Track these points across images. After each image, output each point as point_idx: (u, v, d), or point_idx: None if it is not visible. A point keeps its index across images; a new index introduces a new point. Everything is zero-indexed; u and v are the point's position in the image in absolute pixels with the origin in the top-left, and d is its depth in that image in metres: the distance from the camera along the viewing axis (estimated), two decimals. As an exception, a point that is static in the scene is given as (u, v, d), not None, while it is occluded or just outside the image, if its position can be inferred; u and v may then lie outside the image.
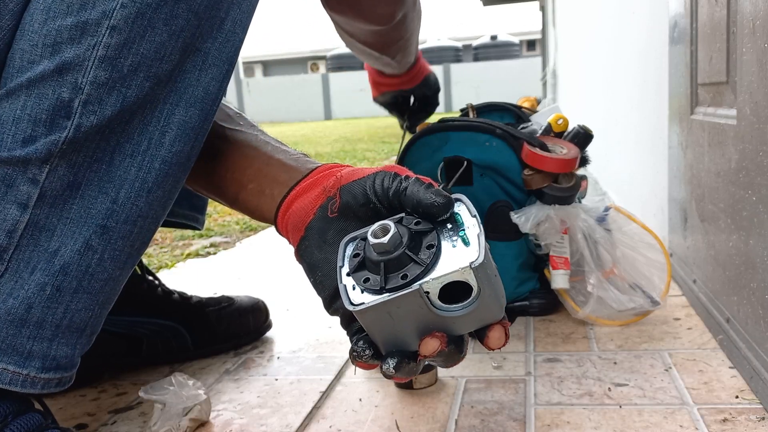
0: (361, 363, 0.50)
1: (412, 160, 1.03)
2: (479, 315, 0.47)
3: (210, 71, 0.55)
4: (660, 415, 0.67)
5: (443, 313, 0.45)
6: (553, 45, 5.74)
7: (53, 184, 0.52)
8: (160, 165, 0.55)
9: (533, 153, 0.94)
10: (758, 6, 0.69)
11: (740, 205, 0.77)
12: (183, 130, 0.55)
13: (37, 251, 0.53)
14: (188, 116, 0.55)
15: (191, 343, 0.91)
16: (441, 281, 0.44)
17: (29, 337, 0.54)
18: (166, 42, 0.51)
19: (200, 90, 0.55)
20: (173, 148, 0.55)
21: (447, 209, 0.47)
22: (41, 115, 0.51)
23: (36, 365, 0.55)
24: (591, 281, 0.94)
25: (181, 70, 0.53)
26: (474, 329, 0.48)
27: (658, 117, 1.30)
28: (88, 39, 0.50)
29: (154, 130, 0.54)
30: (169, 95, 0.54)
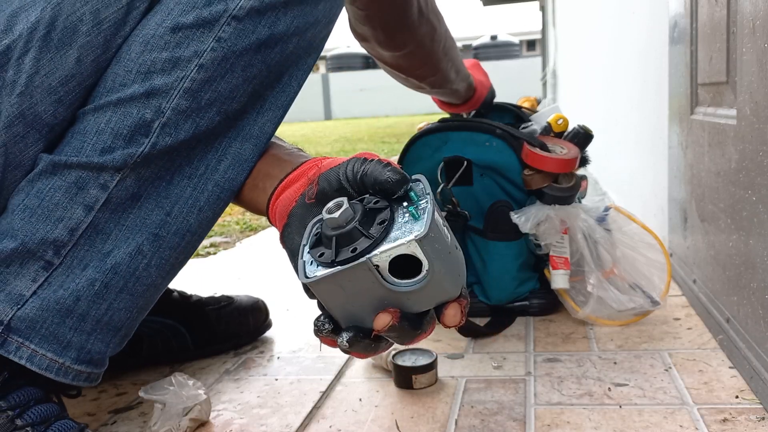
0: (322, 337, 0.51)
1: (412, 159, 1.03)
2: (432, 292, 0.47)
3: (267, 114, 0.62)
4: (660, 415, 0.67)
5: (394, 288, 0.46)
6: (553, 45, 5.74)
7: (119, 193, 0.58)
8: (213, 188, 0.61)
9: (533, 153, 0.94)
10: (758, 6, 0.69)
11: (740, 205, 0.77)
12: (236, 161, 0.62)
13: (91, 251, 0.58)
14: (243, 149, 0.62)
15: (191, 342, 0.91)
16: (389, 254, 0.45)
17: (71, 327, 0.58)
18: (240, 85, 0.59)
19: (256, 129, 0.62)
20: (226, 175, 0.61)
21: (401, 185, 0.49)
22: (123, 130, 0.57)
23: (72, 356, 0.58)
24: (591, 281, 0.94)
25: (244, 110, 0.61)
26: (430, 307, 0.48)
27: (658, 117, 1.30)
28: (178, 72, 0.57)
29: (212, 157, 0.60)
30: (230, 130, 0.61)
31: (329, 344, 0.52)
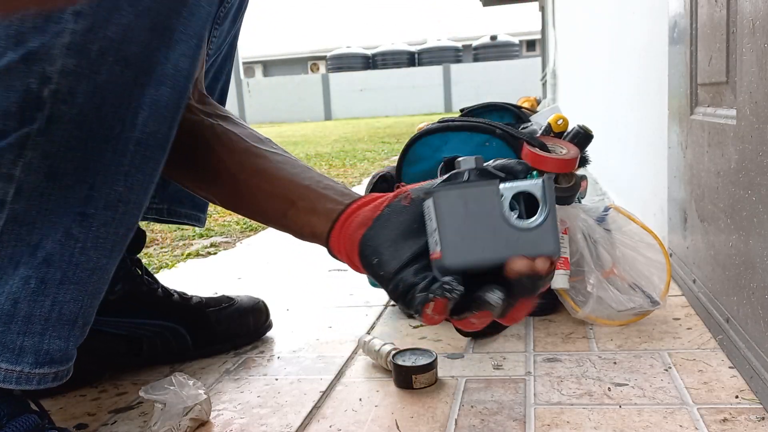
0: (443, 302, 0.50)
1: (412, 159, 1.03)
2: (539, 239, 0.50)
3: (179, 47, 0.54)
4: (660, 414, 0.67)
5: (512, 222, 0.50)
6: (552, 45, 5.75)
7: (29, 177, 0.51)
8: (135, 147, 0.54)
9: (533, 153, 0.94)
10: (758, 6, 0.69)
11: (740, 205, 0.77)
12: (155, 110, 0.54)
13: (19, 246, 0.53)
14: (159, 95, 0.53)
15: (191, 343, 0.91)
16: (515, 188, 0.50)
17: (19, 332, 0.54)
18: (132, 23, 0.50)
19: (170, 67, 0.54)
20: (147, 129, 0.54)
21: (527, 170, 0.53)
22: (11, 108, 0.50)
23: (29, 360, 0.55)
24: (591, 281, 0.94)
25: (149, 49, 0.52)
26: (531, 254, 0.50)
27: (658, 117, 1.30)
28: (52, 26, 0.48)
29: (126, 112, 0.52)
30: (138, 76, 0.52)
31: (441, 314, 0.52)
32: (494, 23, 21.73)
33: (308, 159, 4.55)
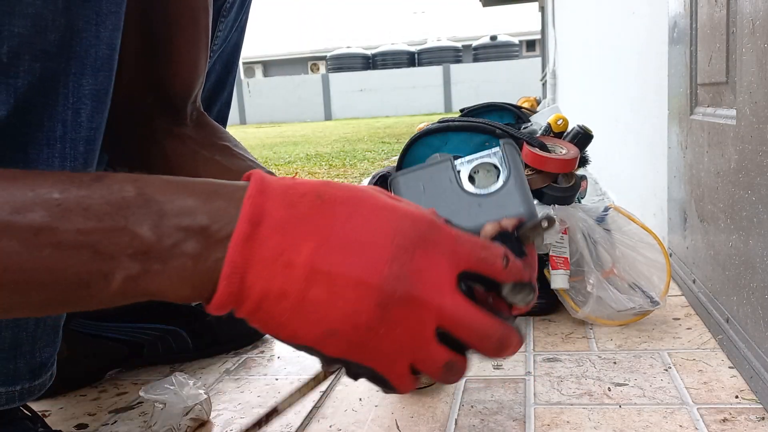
0: None
1: (412, 159, 1.03)
2: (504, 201, 0.49)
3: (108, 22, 0.47)
4: (660, 414, 0.67)
5: (473, 192, 0.49)
6: (552, 45, 5.74)
7: None
8: (86, 147, 0.48)
9: (533, 153, 0.94)
10: (758, 6, 0.69)
11: (740, 205, 0.77)
12: (99, 101, 0.48)
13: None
14: (99, 82, 0.47)
15: (192, 346, 0.91)
16: (471, 161, 0.49)
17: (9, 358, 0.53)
18: (41, 9, 0.43)
19: (103, 48, 0.47)
20: (93, 124, 0.48)
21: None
22: None
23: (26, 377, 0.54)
24: (590, 281, 0.94)
25: (72, 32, 0.45)
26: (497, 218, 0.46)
27: (658, 117, 1.30)
28: None
29: (65, 110, 0.46)
30: (69, 65, 0.45)
31: None
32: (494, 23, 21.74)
33: (308, 159, 4.55)
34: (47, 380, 0.57)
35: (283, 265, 0.36)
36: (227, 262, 0.36)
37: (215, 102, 0.89)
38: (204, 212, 0.37)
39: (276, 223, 0.37)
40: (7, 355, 0.53)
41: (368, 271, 0.37)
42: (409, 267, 0.38)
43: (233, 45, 0.88)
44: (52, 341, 0.56)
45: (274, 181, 0.38)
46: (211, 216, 0.36)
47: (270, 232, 0.36)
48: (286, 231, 0.37)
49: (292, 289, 0.37)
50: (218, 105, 0.89)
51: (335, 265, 0.37)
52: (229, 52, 0.88)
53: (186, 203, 0.37)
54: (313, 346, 0.38)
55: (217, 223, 0.36)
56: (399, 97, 15.63)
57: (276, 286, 0.37)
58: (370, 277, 0.37)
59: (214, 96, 0.88)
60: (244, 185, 0.38)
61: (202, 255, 0.36)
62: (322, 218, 0.37)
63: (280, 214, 0.37)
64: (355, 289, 0.37)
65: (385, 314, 0.37)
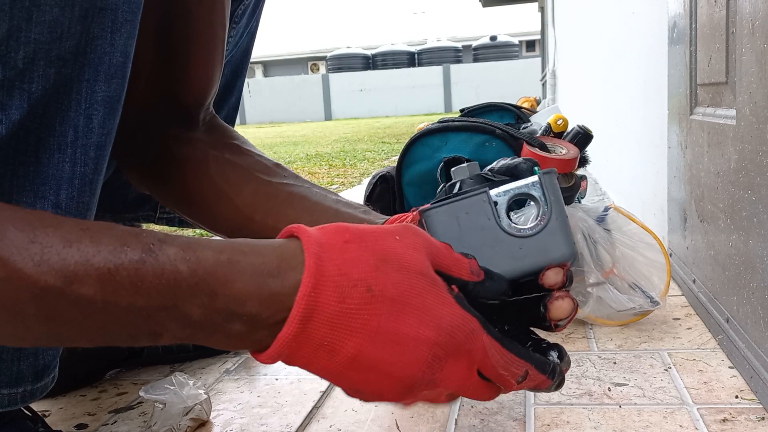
0: None
1: (412, 160, 1.03)
2: (547, 243, 0.45)
3: (123, 30, 0.47)
4: (660, 414, 0.67)
5: (512, 230, 0.45)
6: (552, 45, 5.75)
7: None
8: (97, 152, 0.48)
9: (533, 153, 0.94)
10: (758, 6, 0.69)
11: (740, 205, 0.77)
12: (111, 107, 0.48)
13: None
14: (112, 90, 0.48)
15: (192, 346, 0.91)
16: (509, 192, 0.45)
17: (12, 360, 0.52)
18: (59, 17, 0.43)
19: (117, 56, 0.47)
20: (104, 129, 0.48)
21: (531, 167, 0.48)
22: None
23: (29, 380, 0.54)
24: (590, 281, 0.94)
25: (88, 39, 0.45)
26: (541, 264, 0.46)
27: (658, 117, 1.30)
28: None
29: (77, 115, 0.47)
30: (83, 72, 0.46)
31: None
32: (494, 23, 21.74)
33: (308, 159, 4.55)
34: (50, 382, 0.56)
35: (327, 352, 0.40)
36: (273, 349, 0.39)
37: (223, 106, 0.88)
38: (255, 300, 0.38)
39: (326, 319, 0.39)
40: (11, 357, 0.53)
41: (403, 374, 0.41)
42: (439, 374, 0.42)
43: (243, 50, 0.88)
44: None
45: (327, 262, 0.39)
46: (262, 304, 0.38)
47: (319, 326, 0.39)
48: (335, 326, 0.39)
49: (331, 370, 0.41)
50: (226, 109, 0.89)
51: (375, 361, 0.40)
52: (239, 57, 0.88)
53: (236, 288, 0.38)
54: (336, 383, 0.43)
55: (267, 312, 0.38)
56: (399, 97, 15.64)
57: (318, 365, 0.41)
58: (404, 377, 0.41)
59: (223, 100, 0.88)
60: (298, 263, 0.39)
61: (248, 333, 0.39)
62: (370, 316, 0.40)
63: (331, 310, 0.39)
64: (388, 380, 0.41)
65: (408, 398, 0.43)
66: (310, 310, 0.38)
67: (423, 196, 1.03)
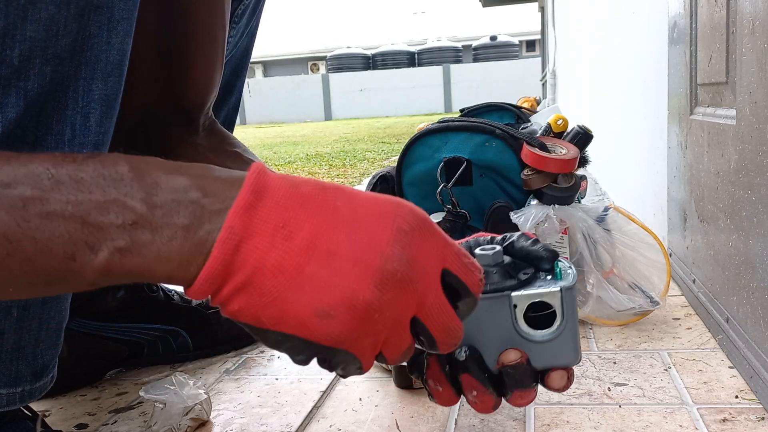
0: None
1: (412, 160, 1.03)
2: (555, 350, 0.48)
3: (121, 28, 0.47)
4: (659, 414, 0.67)
5: (524, 333, 0.47)
6: (552, 45, 5.75)
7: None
8: (94, 151, 0.48)
9: (533, 153, 0.94)
10: (758, 6, 0.69)
11: (739, 205, 0.77)
12: (108, 106, 0.48)
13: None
14: (109, 88, 0.47)
15: (192, 346, 0.91)
16: (530, 298, 0.47)
17: (12, 360, 0.53)
18: (55, 14, 0.43)
19: (114, 53, 0.47)
20: (101, 128, 0.48)
21: (552, 259, 0.48)
22: None
23: (27, 380, 0.54)
24: (590, 281, 0.94)
25: (84, 37, 0.45)
26: (547, 366, 0.49)
27: (658, 117, 1.30)
28: None
29: (74, 114, 0.46)
30: (79, 70, 0.46)
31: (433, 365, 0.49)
32: (494, 23, 21.73)
33: (308, 159, 4.55)
34: (48, 382, 0.57)
35: (283, 238, 0.36)
36: (224, 228, 0.35)
37: (223, 106, 0.88)
38: (200, 188, 0.36)
39: (279, 199, 0.36)
40: (9, 357, 0.53)
41: (370, 251, 0.37)
42: (407, 251, 0.38)
43: (243, 50, 0.88)
44: (55, 344, 0.56)
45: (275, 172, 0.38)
46: (208, 191, 0.36)
47: (273, 205, 0.36)
48: (289, 207, 0.36)
49: (290, 263, 0.36)
50: (226, 110, 0.89)
51: (336, 242, 0.36)
52: (239, 57, 0.88)
53: (181, 180, 0.36)
54: (296, 333, 0.37)
55: (213, 197, 0.36)
56: (399, 97, 15.64)
57: (272, 258, 0.36)
58: (371, 256, 0.37)
59: (223, 100, 0.88)
60: (243, 172, 0.37)
61: (194, 225, 0.35)
62: (325, 199, 0.37)
63: (283, 191, 0.37)
64: (354, 267, 0.36)
65: (383, 296, 0.37)
66: (261, 187, 0.36)
67: (423, 196, 1.03)
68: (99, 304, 0.86)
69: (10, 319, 0.51)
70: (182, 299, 0.93)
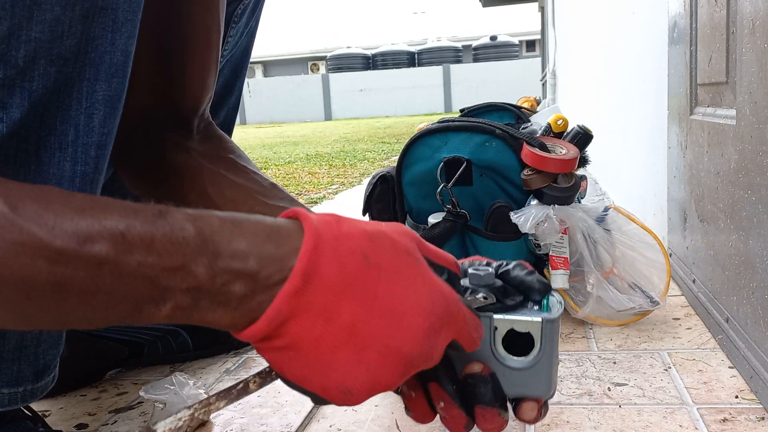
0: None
1: (412, 160, 1.03)
2: (529, 380, 0.48)
3: (124, 29, 0.47)
4: (659, 414, 0.67)
5: (501, 358, 0.48)
6: (552, 45, 5.75)
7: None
8: (98, 152, 0.48)
9: (533, 153, 0.94)
10: (758, 6, 0.69)
11: (739, 205, 0.77)
12: (112, 107, 0.48)
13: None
14: (113, 89, 0.48)
15: (192, 346, 0.91)
16: (511, 323, 0.47)
17: (13, 360, 0.53)
18: (60, 15, 0.43)
19: (118, 55, 0.47)
20: (105, 129, 0.48)
21: (544, 291, 0.49)
22: None
23: (29, 379, 0.54)
24: (590, 281, 0.94)
25: (89, 38, 0.45)
26: (519, 395, 0.49)
27: (658, 117, 1.30)
28: None
29: (78, 114, 0.47)
30: (83, 71, 0.46)
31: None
32: (494, 23, 21.73)
33: (308, 159, 4.55)
34: (50, 382, 0.56)
35: (324, 321, 0.39)
36: (273, 307, 0.38)
37: (223, 106, 0.88)
38: (256, 257, 0.38)
39: (326, 283, 0.39)
40: (11, 357, 0.53)
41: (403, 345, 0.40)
42: (434, 347, 0.42)
43: (243, 50, 0.88)
44: (56, 344, 0.56)
45: (325, 233, 0.40)
46: (263, 262, 0.38)
47: (320, 289, 0.39)
48: (334, 291, 0.39)
49: (326, 344, 0.39)
50: (225, 110, 0.89)
51: (371, 334, 0.40)
52: (239, 57, 0.88)
53: (240, 246, 0.38)
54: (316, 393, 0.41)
55: (268, 270, 0.38)
56: (399, 97, 15.64)
57: (311, 337, 0.39)
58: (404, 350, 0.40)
59: (222, 100, 0.87)
60: (297, 232, 0.40)
61: (248, 296, 0.38)
62: (367, 283, 0.40)
63: (332, 273, 0.39)
64: (383, 359, 0.40)
65: (401, 381, 0.41)
66: (312, 269, 0.38)
67: (423, 196, 1.03)
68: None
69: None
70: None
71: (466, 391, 0.48)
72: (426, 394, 0.49)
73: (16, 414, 0.59)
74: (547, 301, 0.49)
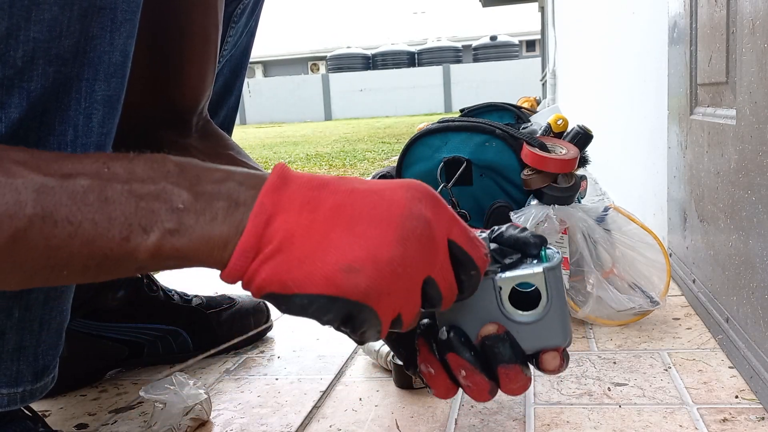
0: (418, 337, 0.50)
1: (412, 159, 1.03)
2: (543, 331, 0.48)
3: (124, 29, 0.47)
4: (659, 414, 0.67)
5: (511, 316, 0.48)
6: (552, 45, 5.75)
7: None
8: (97, 152, 0.48)
9: (533, 153, 0.94)
10: (758, 6, 0.69)
11: (739, 205, 0.77)
12: (111, 107, 0.48)
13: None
14: (112, 89, 0.47)
15: (192, 346, 0.91)
16: (514, 280, 0.47)
17: (12, 360, 0.53)
18: (58, 15, 0.43)
19: (117, 54, 0.47)
20: (104, 129, 0.48)
21: (540, 245, 0.49)
22: None
23: (28, 380, 0.54)
24: (590, 281, 0.94)
25: (87, 38, 0.45)
26: (535, 348, 0.49)
27: (658, 117, 1.30)
28: None
29: (76, 114, 0.46)
30: (82, 71, 0.46)
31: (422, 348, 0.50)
32: (494, 23, 21.73)
33: (308, 159, 4.55)
34: (49, 383, 0.57)
35: (308, 211, 0.41)
36: (256, 204, 0.40)
37: (222, 106, 0.88)
38: (234, 179, 0.42)
39: (303, 182, 0.42)
40: (10, 357, 0.53)
41: (389, 212, 0.41)
42: (423, 211, 0.42)
43: (242, 49, 0.88)
44: (56, 344, 0.56)
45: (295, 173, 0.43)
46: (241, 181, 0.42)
47: (297, 186, 0.41)
48: (312, 188, 0.42)
49: (316, 230, 0.40)
50: (225, 109, 0.89)
51: (358, 210, 0.41)
52: (238, 57, 0.87)
53: (218, 175, 0.42)
54: (322, 292, 0.40)
55: (246, 185, 0.41)
56: (399, 97, 15.64)
57: (300, 227, 0.40)
58: (391, 216, 0.41)
59: (222, 100, 0.87)
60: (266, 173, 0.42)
61: (231, 207, 0.40)
62: (343, 182, 0.42)
63: (305, 177, 0.42)
64: (376, 228, 0.41)
65: (404, 251, 0.41)
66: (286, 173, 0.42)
67: (423, 196, 1.03)
68: (99, 303, 0.86)
69: (11, 319, 0.51)
70: (182, 299, 0.93)
71: (485, 354, 0.48)
72: (445, 368, 0.49)
73: (16, 414, 0.59)
74: (545, 252, 0.50)
